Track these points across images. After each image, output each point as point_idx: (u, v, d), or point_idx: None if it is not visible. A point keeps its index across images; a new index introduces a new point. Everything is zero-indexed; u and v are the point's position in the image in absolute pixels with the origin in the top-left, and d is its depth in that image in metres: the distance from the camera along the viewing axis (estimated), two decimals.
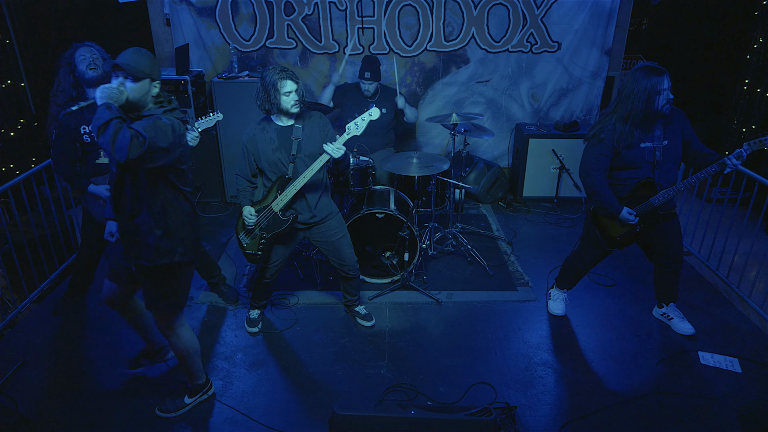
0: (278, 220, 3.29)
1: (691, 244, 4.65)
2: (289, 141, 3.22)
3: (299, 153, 3.22)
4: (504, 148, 6.02)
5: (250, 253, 3.39)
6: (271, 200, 3.26)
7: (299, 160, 3.22)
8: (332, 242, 3.47)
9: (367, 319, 3.75)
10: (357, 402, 3.12)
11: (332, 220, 3.46)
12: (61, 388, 3.21)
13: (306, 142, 3.23)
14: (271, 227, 3.30)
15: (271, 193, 3.27)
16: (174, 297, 2.78)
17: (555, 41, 5.54)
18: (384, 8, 5.37)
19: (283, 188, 3.24)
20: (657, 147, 3.15)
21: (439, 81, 5.71)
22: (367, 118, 3.15)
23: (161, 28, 5.47)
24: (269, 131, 3.22)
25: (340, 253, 3.50)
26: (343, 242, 3.50)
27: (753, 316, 3.84)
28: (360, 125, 3.15)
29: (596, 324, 3.80)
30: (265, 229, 3.31)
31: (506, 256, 4.69)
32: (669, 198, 3.20)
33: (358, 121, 3.14)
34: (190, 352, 2.96)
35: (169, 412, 3.01)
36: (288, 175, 3.23)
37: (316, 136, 3.26)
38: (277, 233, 3.32)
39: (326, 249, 3.51)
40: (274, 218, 3.28)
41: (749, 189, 4.14)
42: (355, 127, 3.15)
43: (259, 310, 3.77)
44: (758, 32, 5.16)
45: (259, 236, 3.33)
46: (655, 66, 3.02)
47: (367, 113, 3.15)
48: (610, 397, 3.15)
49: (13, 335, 3.66)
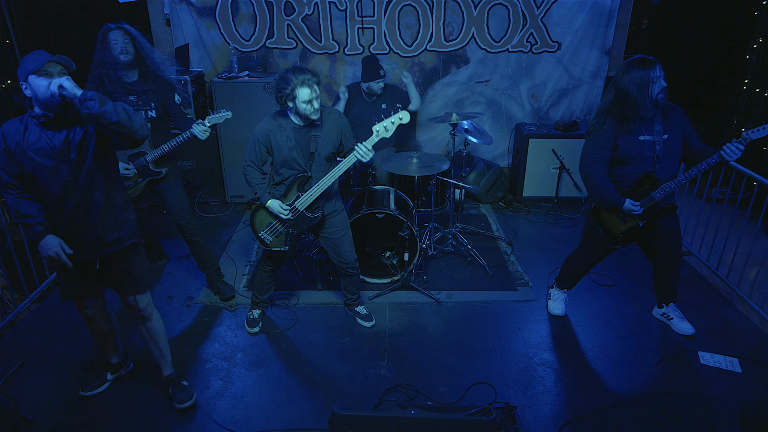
0: (305, 218, 3.30)
1: (691, 244, 4.65)
2: (307, 140, 3.19)
3: (317, 151, 3.20)
4: (504, 148, 6.02)
5: (277, 250, 3.39)
6: (293, 198, 3.26)
7: (317, 158, 3.21)
8: (334, 239, 3.47)
9: (367, 319, 3.75)
10: (357, 402, 3.12)
11: (337, 217, 3.46)
12: (61, 388, 3.21)
13: (324, 141, 3.21)
14: (299, 224, 3.31)
15: (291, 191, 3.26)
16: (146, 272, 2.92)
17: (555, 41, 5.54)
18: (384, 8, 5.37)
19: (303, 187, 3.23)
20: (657, 141, 3.14)
21: (439, 81, 5.71)
22: (397, 122, 3.12)
23: (161, 28, 5.47)
24: (286, 129, 3.18)
25: (340, 251, 3.50)
26: (345, 240, 3.50)
27: (753, 316, 3.84)
28: (390, 129, 3.12)
29: (596, 324, 3.80)
30: (291, 227, 3.31)
31: (506, 256, 4.69)
32: (671, 191, 3.20)
33: (388, 125, 3.11)
34: (163, 330, 3.06)
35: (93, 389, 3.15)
36: (308, 174, 3.22)
37: (334, 135, 3.24)
38: (305, 230, 3.34)
39: (327, 245, 3.52)
40: (300, 216, 3.29)
41: (749, 189, 4.14)
42: (385, 131, 3.12)
43: (260, 309, 3.77)
44: (758, 32, 5.16)
45: (285, 233, 3.34)
46: (645, 57, 3.05)
47: (397, 116, 3.11)
48: (610, 397, 3.16)
49: (13, 335, 3.66)
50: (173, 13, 5.34)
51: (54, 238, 2.53)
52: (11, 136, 2.46)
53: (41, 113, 2.43)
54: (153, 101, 3.50)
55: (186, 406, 3.04)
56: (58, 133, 2.46)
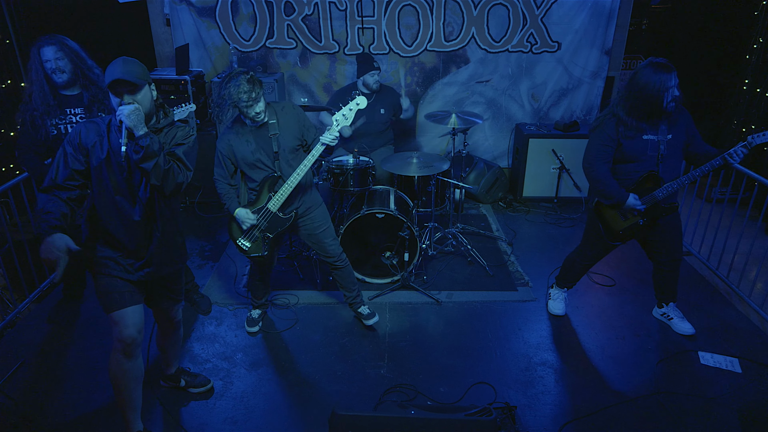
0: (279, 219, 3.27)
1: (691, 244, 4.65)
2: (267, 139, 3.17)
3: (280, 149, 3.18)
4: (504, 148, 6.02)
5: (256, 256, 3.36)
6: (265, 201, 3.24)
7: (281, 156, 3.19)
8: (316, 234, 3.45)
9: (369, 317, 3.70)
10: (357, 402, 3.12)
11: (315, 211, 3.43)
12: (61, 388, 3.21)
13: (284, 136, 3.18)
14: (273, 227, 3.29)
15: (263, 194, 3.24)
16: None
17: (555, 41, 5.54)
18: (384, 8, 5.37)
19: (273, 187, 3.21)
20: (661, 141, 3.14)
21: (439, 81, 5.71)
22: (354, 108, 3.11)
23: (161, 28, 5.47)
24: (244, 134, 3.16)
25: (323, 245, 3.49)
26: (327, 234, 3.48)
27: (753, 316, 3.84)
28: (348, 115, 3.10)
29: (596, 324, 3.80)
30: (266, 230, 3.30)
31: (506, 256, 4.69)
32: (673, 191, 3.20)
33: (346, 112, 3.10)
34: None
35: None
36: (277, 173, 3.20)
37: (293, 127, 3.21)
38: (281, 232, 3.31)
39: (311, 241, 3.51)
40: (273, 218, 3.27)
41: (749, 189, 4.14)
42: (344, 118, 3.10)
43: (261, 309, 3.77)
44: (758, 32, 5.16)
45: (261, 237, 3.31)
46: (664, 62, 3.01)
47: (354, 102, 3.10)
48: (610, 397, 3.15)
49: (13, 335, 3.66)
50: (173, 13, 5.34)
51: (62, 237, 2.28)
52: (89, 142, 2.41)
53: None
54: (104, 111, 3.34)
55: (210, 386, 3.16)
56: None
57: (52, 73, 3.17)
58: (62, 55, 3.17)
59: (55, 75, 3.18)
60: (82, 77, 3.26)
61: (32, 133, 3.23)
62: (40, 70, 3.16)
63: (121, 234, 2.52)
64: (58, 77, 3.19)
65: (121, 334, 2.53)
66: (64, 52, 3.18)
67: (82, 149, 2.41)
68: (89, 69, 3.28)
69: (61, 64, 3.17)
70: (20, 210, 4.10)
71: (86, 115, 3.31)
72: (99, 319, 3.81)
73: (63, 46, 3.18)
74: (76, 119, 3.30)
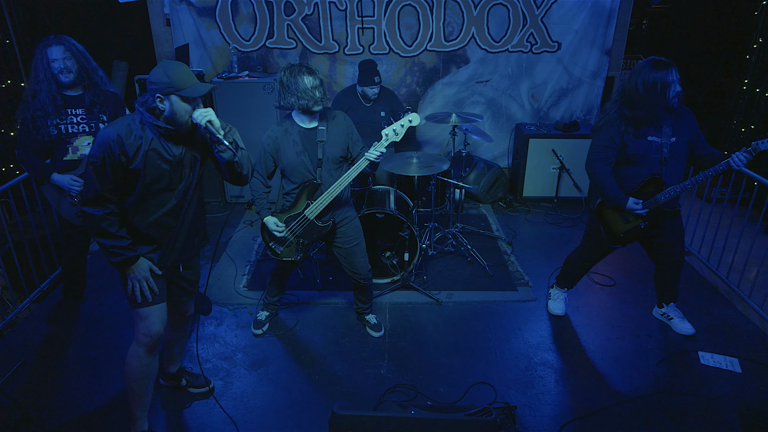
0: (315, 227, 3.22)
1: (691, 244, 4.65)
2: (313, 144, 3.13)
3: (325, 156, 3.14)
4: (504, 148, 6.03)
5: (289, 260, 3.32)
6: (303, 208, 3.19)
7: (324, 164, 3.15)
8: (347, 249, 3.39)
9: (376, 329, 3.67)
10: (357, 402, 3.11)
11: (349, 225, 3.37)
12: (61, 388, 3.21)
13: (330, 145, 3.15)
14: (309, 234, 3.24)
15: (301, 201, 3.19)
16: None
17: (555, 41, 5.54)
18: (384, 8, 5.37)
19: (313, 195, 3.17)
20: (665, 143, 3.13)
21: (439, 81, 5.72)
22: (406, 124, 3.06)
23: (161, 28, 5.47)
24: (292, 133, 3.13)
25: (353, 261, 3.42)
26: (358, 250, 3.41)
27: (753, 316, 3.84)
28: (399, 132, 3.05)
29: (596, 324, 3.80)
30: (301, 236, 3.25)
31: (506, 256, 4.69)
32: (676, 195, 3.19)
33: (397, 128, 3.05)
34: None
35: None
36: (317, 181, 3.16)
37: (341, 138, 3.18)
38: (316, 239, 3.28)
39: (340, 255, 3.44)
40: (310, 226, 3.21)
41: (749, 189, 4.14)
42: (395, 134, 3.05)
43: (268, 311, 3.75)
44: (758, 32, 5.16)
45: (296, 243, 3.27)
46: (662, 59, 3.01)
47: (406, 119, 3.07)
48: (610, 397, 3.15)
49: (13, 335, 3.66)
50: (173, 13, 5.34)
51: (145, 261, 2.50)
52: (130, 144, 2.35)
53: (164, 126, 2.39)
54: (104, 113, 3.36)
55: (212, 386, 3.17)
56: (174, 146, 2.45)
57: (59, 72, 3.20)
58: (70, 55, 3.21)
59: (62, 74, 3.21)
60: (86, 78, 3.30)
61: (33, 132, 3.24)
62: (48, 69, 3.18)
63: (152, 228, 2.53)
64: (65, 77, 3.21)
65: (150, 330, 2.58)
66: (71, 52, 3.21)
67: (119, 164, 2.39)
68: (93, 70, 3.32)
69: (69, 64, 3.20)
70: (20, 210, 4.11)
71: (87, 115, 3.33)
72: (99, 319, 3.82)
73: (71, 46, 3.22)
74: (76, 120, 3.31)
